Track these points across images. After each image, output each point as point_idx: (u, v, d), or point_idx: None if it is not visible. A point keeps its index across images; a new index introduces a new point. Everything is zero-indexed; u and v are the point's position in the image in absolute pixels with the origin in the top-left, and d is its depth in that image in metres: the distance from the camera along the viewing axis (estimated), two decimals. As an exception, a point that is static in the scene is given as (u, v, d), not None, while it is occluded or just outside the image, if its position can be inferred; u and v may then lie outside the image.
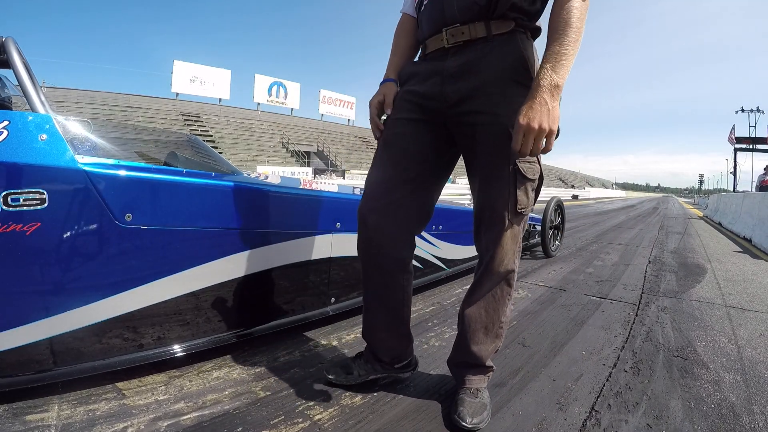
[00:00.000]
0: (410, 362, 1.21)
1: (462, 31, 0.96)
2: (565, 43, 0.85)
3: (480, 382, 1.10)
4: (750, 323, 1.89)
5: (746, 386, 1.26)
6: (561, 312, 1.97)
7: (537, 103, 0.83)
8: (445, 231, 2.21)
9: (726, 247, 4.77)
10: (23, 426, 0.92)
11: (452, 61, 0.98)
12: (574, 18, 0.86)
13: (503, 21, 0.95)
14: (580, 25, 0.87)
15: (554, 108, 0.83)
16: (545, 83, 0.84)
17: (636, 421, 1.06)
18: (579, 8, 0.87)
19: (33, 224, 0.89)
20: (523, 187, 0.97)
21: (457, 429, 0.98)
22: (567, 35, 0.85)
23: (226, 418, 1.01)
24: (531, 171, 0.97)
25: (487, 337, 1.08)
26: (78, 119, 1.05)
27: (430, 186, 1.11)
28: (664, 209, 14.81)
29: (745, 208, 6.79)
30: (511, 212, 0.98)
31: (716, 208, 10.37)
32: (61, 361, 1.01)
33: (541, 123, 0.82)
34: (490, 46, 0.95)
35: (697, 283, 2.70)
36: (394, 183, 1.04)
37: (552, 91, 0.83)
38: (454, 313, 1.89)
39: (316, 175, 18.09)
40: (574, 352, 1.48)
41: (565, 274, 2.82)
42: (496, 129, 0.95)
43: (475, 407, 1.02)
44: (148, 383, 1.15)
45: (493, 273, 1.04)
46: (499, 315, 1.07)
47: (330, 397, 1.12)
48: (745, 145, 25.77)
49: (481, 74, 0.95)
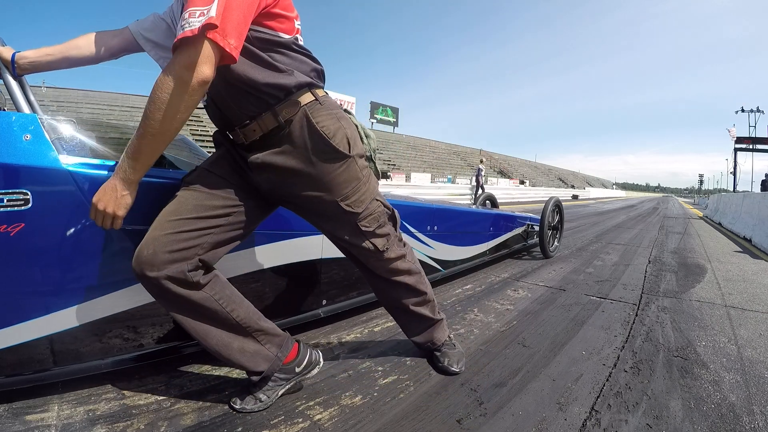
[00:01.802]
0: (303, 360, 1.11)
1: (253, 128, 0.96)
2: (142, 137, 0.81)
3: (443, 332, 1.37)
4: (750, 323, 1.89)
5: (746, 386, 1.26)
6: (561, 312, 1.97)
7: (109, 188, 0.85)
8: (440, 231, 2.18)
9: (726, 247, 4.76)
10: (23, 426, 0.92)
11: (254, 155, 0.98)
12: (152, 108, 0.79)
13: (289, 104, 0.95)
14: (159, 116, 0.79)
15: (123, 197, 0.86)
16: (120, 174, 0.85)
17: (636, 421, 1.06)
18: (162, 92, 0.78)
19: (17, 225, 0.88)
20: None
21: (450, 373, 1.28)
22: (142, 129, 0.80)
23: (226, 418, 1.01)
24: (373, 222, 1.11)
25: (419, 305, 1.29)
26: (65, 118, 1.04)
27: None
28: (664, 209, 14.80)
29: (745, 208, 6.79)
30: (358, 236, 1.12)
31: (716, 208, 10.37)
32: (54, 362, 1.00)
33: (106, 207, 0.85)
34: (286, 132, 0.96)
35: (697, 283, 2.70)
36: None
37: (125, 183, 0.85)
38: (454, 313, 1.89)
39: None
40: (574, 352, 1.48)
41: (565, 274, 2.82)
42: (321, 206, 1.05)
43: (456, 356, 1.33)
44: (148, 383, 1.15)
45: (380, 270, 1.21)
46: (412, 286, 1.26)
47: (330, 397, 1.12)
48: (745, 145, 25.78)
49: (283, 164, 0.97)
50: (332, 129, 0.98)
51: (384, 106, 38.11)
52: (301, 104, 0.95)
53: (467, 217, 2.57)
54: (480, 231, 2.69)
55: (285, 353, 1.07)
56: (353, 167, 1.03)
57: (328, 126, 0.97)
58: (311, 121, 0.96)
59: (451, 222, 2.29)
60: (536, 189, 24.25)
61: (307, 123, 0.96)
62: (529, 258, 3.40)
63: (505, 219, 3.08)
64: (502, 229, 3.02)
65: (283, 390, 1.09)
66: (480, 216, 2.73)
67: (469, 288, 2.34)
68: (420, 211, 2.05)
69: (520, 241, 3.42)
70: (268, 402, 1.06)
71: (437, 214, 2.17)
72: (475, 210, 2.79)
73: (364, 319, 1.77)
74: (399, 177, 20.48)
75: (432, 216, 2.12)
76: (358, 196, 1.06)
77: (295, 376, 1.10)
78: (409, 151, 35.10)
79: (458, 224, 2.36)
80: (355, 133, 1.06)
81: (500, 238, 2.99)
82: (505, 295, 2.24)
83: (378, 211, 1.12)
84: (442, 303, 2.03)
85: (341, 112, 1.05)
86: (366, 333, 1.61)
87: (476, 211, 2.76)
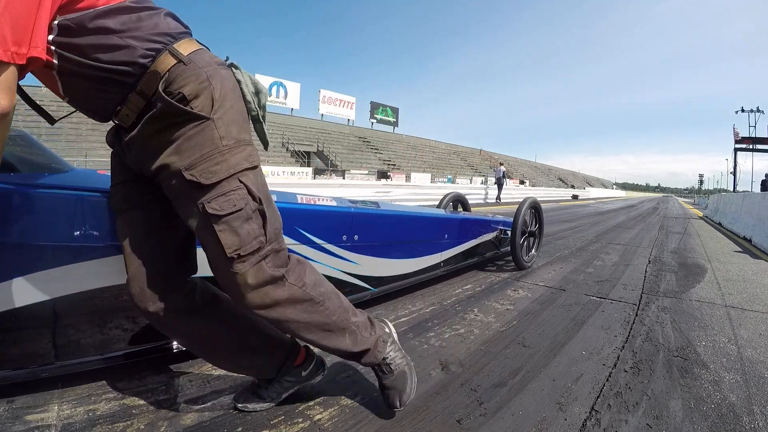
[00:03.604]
0: (309, 364, 1.09)
1: (126, 113, 0.84)
2: None
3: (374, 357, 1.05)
4: (750, 323, 1.89)
5: (746, 386, 1.26)
6: (561, 312, 1.97)
7: None
8: (365, 242, 1.74)
9: (726, 247, 4.76)
10: (23, 426, 0.92)
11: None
12: None
13: (149, 76, 0.81)
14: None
15: None
16: None
17: (636, 421, 1.06)
18: None
19: None
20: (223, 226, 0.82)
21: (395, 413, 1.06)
22: None
23: (226, 418, 1.01)
24: (226, 205, 0.82)
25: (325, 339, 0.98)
26: None
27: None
28: (664, 209, 14.80)
29: (745, 208, 6.79)
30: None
31: (716, 208, 10.37)
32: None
33: None
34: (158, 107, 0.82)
35: (697, 283, 2.70)
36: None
37: None
38: (454, 313, 1.89)
39: (316, 175, 18.08)
40: (574, 352, 1.48)
41: (565, 274, 2.82)
42: (168, 183, 0.85)
43: (397, 387, 1.04)
44: (148, 383, 1.15)
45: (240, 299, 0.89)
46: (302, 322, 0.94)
47: (330, 397, 1.12)
48: (746, 145, 25.81)
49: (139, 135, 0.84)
50: (194, 91, 0.82)
51: (384, 106, 38.11)
52: (161, 73, 0.81)
53: (409, 224, 2.09)
54: (429, 239, 2.21)
55: (294, 358, 1.08)
56: (210, 131, 0.82)
57: (190, 89, 0.81)
58: (171, 87, 0.81)
59: (381, 230, 1.87)
60: (536, 189, 24.27)
61: (166, 91, 0.81)
62: (494, 270, 2.87)
63: (471, 224, 2.64)
64: (466, 235, 2.56)
65: (287, 393, 1.09)
66: (428, 221, 2.23)
67: (469, 288, 2.34)
68: (330, 217, 1.60)
69: (491, 248, 2.95)
70: (271, 404, 1.06)
71: (358, 220, 1.72)
72: (421, 214, 2.25)
73: (364, 319, 1.76)
74: (399, 177, 20.51)
75: (350, 223, 1.68)
76: (208, 166, 0.81)
77: (301, 380, 1.09)
78: (409, 151, 35.11)
79: (393, 232, 1.95)
80: (229, 91, 0.87)
81: (461, 246, 2.50)
82: (505, 295, 2.24)
83: (237, 194, 0.83)
84: (442, 303, 2.04)
85: (213, 69, 0.85)
86: (366, 333, 1.61)
87: (422, 216, 2.22)
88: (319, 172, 19.23)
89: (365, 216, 1.77)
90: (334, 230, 1.62)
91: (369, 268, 1.79)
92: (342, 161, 26.41)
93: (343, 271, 1.67)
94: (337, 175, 19.48)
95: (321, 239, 1.55)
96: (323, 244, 1.57)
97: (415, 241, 2.11)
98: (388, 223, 1.94)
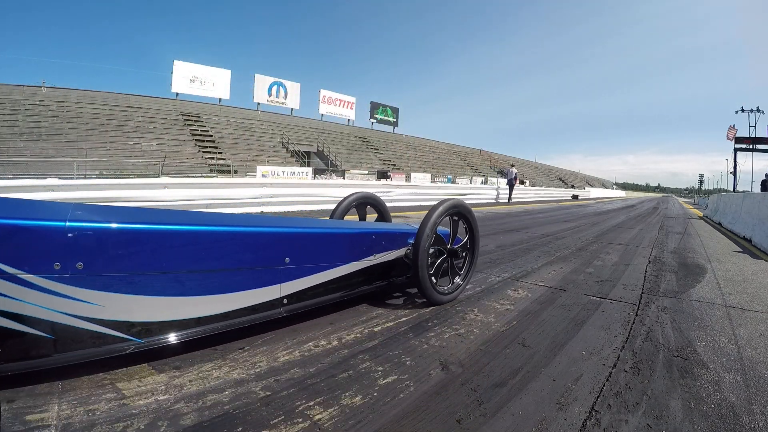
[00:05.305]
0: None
1: None
2: None
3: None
4: (750, 323, 1.89)
5: (746, 386, 1.26)
6: (561, 312, 1.97)
7: None
8: (101, 272, 1.16)
9: (726, 247, 4.76)
10: (23, 426, 0.92)
11: None
12: None
13: None
14: None
15: None
16: None
17: (636, 421, 1.06)
18: None
19: None
20: None
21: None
22: None
23: (226, 418, 1.01)
24: None
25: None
26: None
27: None
28: (664, 209, 14.80)
29: (745, 208, 6.79)
30: None
31: (716, 208, 10.36)
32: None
33: None
34: None
35: (697, 283, 2.70)
36: None
37: None
38: (454, 313, 1.89)
39: (316, 175, 18.08)
40: (574, 352, 1.48)
41: (565, 274, 2.82)
42: None
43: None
44: (148, 383, 1.15)
45: None
46: None
47: (330, 397, 1.12)
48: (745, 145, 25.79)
49: None
50: None
51: (384, 106, 38.10)
52: None
53: (202, 243, 1.38)
54: (256, 265, 1.50)
55: None
56: None
57: None
58: None
59: (141, 253, 1.25)
60: (537, 189, 24.25)
61: None
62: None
63: (360, 237, 1.85)
64: (348, 254, 1.79)
65: None
66: (246, 238, 1.49)
67: (468, 288, 2.33)
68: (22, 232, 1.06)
69: (404, 271, 2.07)
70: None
71: (84, 239, 1.13)
72: (240, 229, 1.50)
73: (364, 319, 1.76)
74: (399, 177, 20.50)
75: (64, 243, 1.10)
76: None
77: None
78: (409, 151, 35.09)
79: (179, 255, 1.31)
80: None
81: (332, 271, 1.72)
82: (505, 295, 2.24)
83: None
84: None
85: None
86: (366, 333, 1.61)
87: (244, 231, 1.50)
88: (319, 172, 19.22)
89: (98, 233, 1.16)
90: (35, 252, 1.08)
91: (122, 310, 1.20)
92: (342, 161, 26.40)
93: (71, 315, 1.12)
94: (337, 175, 19.48)
95: (10, 266, 1.04)
96: (19, 274, 1.05)
97: (218, 270, 1.41)
98: (156, 243, 1.27)
